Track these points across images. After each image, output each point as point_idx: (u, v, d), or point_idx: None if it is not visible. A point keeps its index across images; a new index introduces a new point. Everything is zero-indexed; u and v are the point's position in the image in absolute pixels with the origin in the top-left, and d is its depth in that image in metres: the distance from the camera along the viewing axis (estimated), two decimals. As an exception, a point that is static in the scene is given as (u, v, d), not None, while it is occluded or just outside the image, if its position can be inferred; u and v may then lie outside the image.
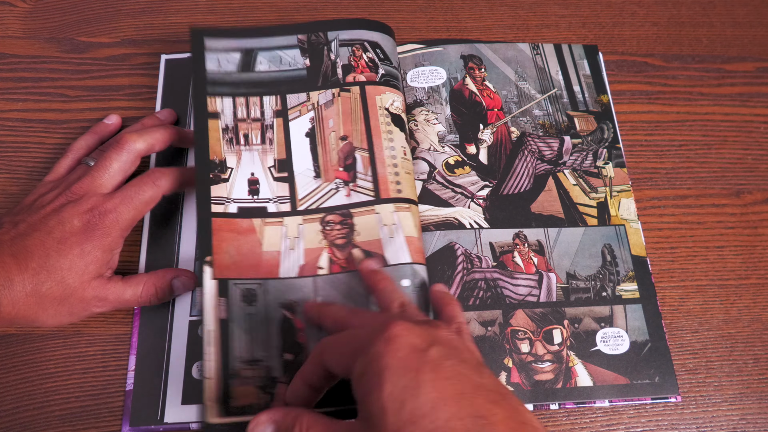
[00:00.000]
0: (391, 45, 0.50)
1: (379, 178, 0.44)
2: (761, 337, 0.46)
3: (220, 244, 0.42)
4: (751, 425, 0.43)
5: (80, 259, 0.38)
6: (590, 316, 0.44)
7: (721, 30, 0.57)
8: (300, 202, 0.44)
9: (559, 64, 0.53)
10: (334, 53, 0.48)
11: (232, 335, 0.40)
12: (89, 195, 0.40)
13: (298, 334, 0.41)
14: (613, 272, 0.46)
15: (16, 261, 0.37)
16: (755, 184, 0.51)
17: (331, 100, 0.47)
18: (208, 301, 0.40)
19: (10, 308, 0.36)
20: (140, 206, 0.41)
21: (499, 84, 0.52)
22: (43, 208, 0.40)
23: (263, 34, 0.49)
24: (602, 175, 0.49)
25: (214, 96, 0.46)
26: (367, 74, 0.47)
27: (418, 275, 0.42)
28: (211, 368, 0.39)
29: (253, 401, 0.38)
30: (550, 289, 0.45)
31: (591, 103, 0.52)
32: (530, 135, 0.50)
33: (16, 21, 0.53)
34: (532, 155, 0.49)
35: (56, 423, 0.41)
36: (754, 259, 0.49)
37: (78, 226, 0.39)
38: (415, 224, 0.43)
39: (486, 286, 0.44)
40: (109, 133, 0.48)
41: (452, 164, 0.48)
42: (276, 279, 0.42)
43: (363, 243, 0.42)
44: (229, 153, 0.45)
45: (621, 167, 0.49)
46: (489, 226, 0.46)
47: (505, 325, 0.43)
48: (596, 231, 0.47)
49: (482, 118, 0.50)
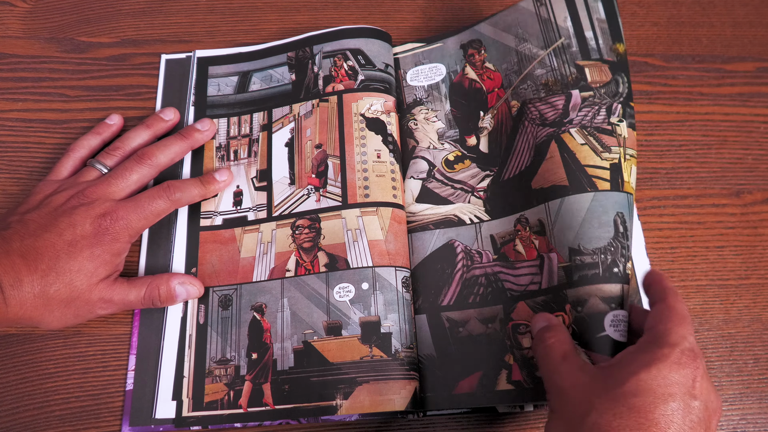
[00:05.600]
0: (377, 48, 0.50)
1: (348, 183, 0.45)
2: (761, 337, 0.46)
3: (204, 255, 0.45)
4: (751, 425, 0.43)
5: (90, 262, 0.38)
6: (598, 295, 0.38)
7: (721, 30, 0.57)
8: (275, 209, 0.46)
9: (568, 9, 0.46)
10: (317, 66, 0.50)
11: (209, 338, 0.42)
12: (102, 200, 0.40)
13: (264, 335, 0.42)
14: (626, 246, 0.39)
15: (26, 262, 0.37)
16: (755, 184, 0.51)
17: (310, 111, 0.48)
18: (190, 308, 0.43)
19: (17, 308, 0.36)
20: (151, 217, 0.41)
21: (499, 59, 0.49)
22: (54, 210, 0.40)
23: (259, 56, 0.51)
24: (616, 134, 0.42)
25: (213, 119, 0.49)
26: (345, 83, 0.48)
27: (382, 278, 0.43)
28: (189, 368, 0.42)
29: (222, 397, 0.41)
30: (552, 271, 0.41)
31: (606, 51, 0.45)
32: (530, 101, 0.46)
33: (16, 21, 0.53)
34: (533, 123, 0.45)
35: (56, 423, 0.41)
36: (754, 259, 0.49)
37: (89, 230, 0.39)
38: (382, 227, 0.44)
39: (486, 281, 0.44)
40: (111, 133, 0.48)
41: (452, 160, 0.48)
42: (249, 283, 0.44)
43: (327, 246, 0.44)
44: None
45: (633, 129, 0.43)
46: (489, 218, 0.46)
47: (506, 320, 0.42)
48: (608, 197, 0.40)
49: (483, 104, 0.49)
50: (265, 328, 0.43)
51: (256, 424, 0.41)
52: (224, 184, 0.46)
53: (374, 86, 0.48)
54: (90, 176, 0.43)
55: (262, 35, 0.54)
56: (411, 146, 0.49)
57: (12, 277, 0.36)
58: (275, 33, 0.54)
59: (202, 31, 0.54)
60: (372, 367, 0.40)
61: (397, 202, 0.45)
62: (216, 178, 0.46)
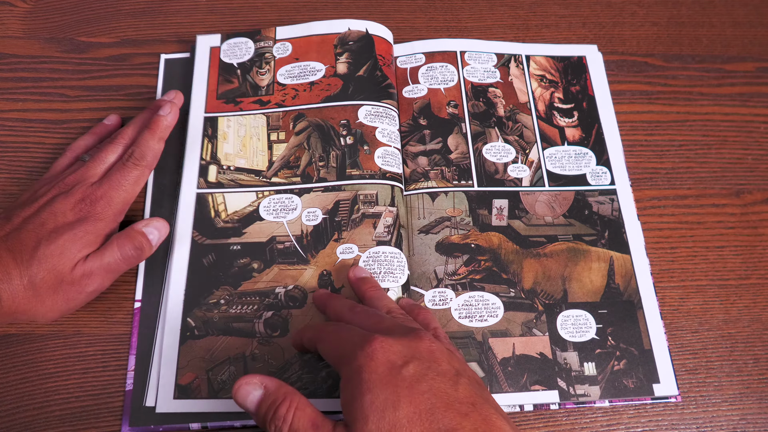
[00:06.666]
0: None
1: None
2: (761, 337, 0.46)
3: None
4: (751, 425, 0.43)
5: (72, 243, 0.38)
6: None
7: (721, 30, 0.57)
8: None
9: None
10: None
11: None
12: (79, 185, 0.41)
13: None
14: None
15: (12, 255, 0.37)
16: (755, 184, 0.51)
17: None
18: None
19: (10, 302, 0.37)
20: (129, 187, 0.41)
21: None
22: (36, 202, 0.40)
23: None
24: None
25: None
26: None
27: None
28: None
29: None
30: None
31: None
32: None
33: (16, 21, 0.53)
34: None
35: (56, 423, 0.41)
36: (754, 259, 0.48)
37: (71, 217, 0.39)
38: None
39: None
40: (109, 133, 0.48)
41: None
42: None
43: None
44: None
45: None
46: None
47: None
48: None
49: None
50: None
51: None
52: (172, 117, 0.44)
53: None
54: (73, 168, 0.43)
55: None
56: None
57: (1, 271, 0.36)
58: (275, 33, 0.54)
59: (202, 31, 0.54)
60: None
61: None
62: (160, 114, 0.44)
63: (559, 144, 0.51)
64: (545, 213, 0.48)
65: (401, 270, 0.44)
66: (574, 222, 0.48)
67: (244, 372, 0.41)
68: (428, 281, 0.45)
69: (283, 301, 0.43)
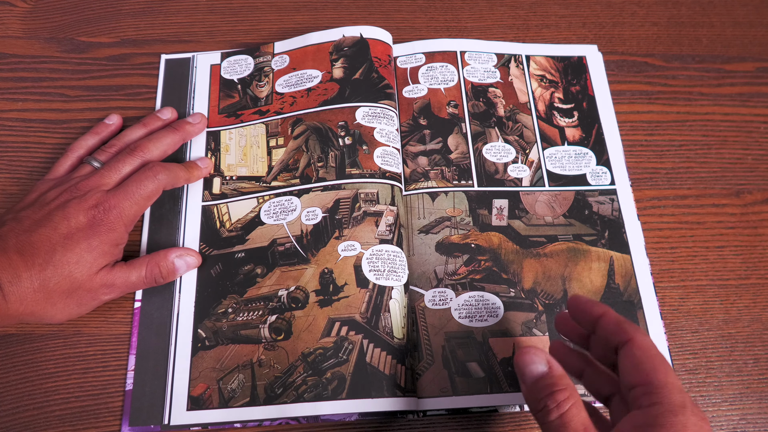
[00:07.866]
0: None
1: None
2: (761, 337, 0.46)
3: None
4: (751, 425, 0.43)
5: (88, 253, 0.39)
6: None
7: (721, 30, 0.57)
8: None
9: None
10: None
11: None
12: (93, 191, 0.41)
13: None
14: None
15: (23, 257, 0.37)
16: (755, 184, 0.51)
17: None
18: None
19: (17, 304, 0.37)
20: (141, 201, 0.42)
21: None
22: (47, 205, 0.40)
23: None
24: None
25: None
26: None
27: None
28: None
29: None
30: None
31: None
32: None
33: (16, 21, 0.53)
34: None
35: (56, 423, 0.41)
36: (754, 259, 0.49)
37: (83, 221, 0.39)
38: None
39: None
40: (110, 133, 0.48)
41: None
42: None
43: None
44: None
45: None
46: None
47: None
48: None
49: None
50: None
51: (256, 423, 0.41)
52: (206, 171, 0.47)
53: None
54: (84, 172, 0.43)
55: (262, 35, 0.54)
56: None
57: (10, 273, 0.36)
58: (275, 33, 0.54)
59: (202, 31, 0.54)
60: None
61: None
62: (198, 164, 0.47)
63: (559, 144, 0.51)
64: (545, 213, 0.48)
65: (403, 269, 0.44)
66: (574, 222, 0.48)
67: (252, 378, 0.41)
68: (428, 281, 0.45)
69: (286, 303, 0.43)
